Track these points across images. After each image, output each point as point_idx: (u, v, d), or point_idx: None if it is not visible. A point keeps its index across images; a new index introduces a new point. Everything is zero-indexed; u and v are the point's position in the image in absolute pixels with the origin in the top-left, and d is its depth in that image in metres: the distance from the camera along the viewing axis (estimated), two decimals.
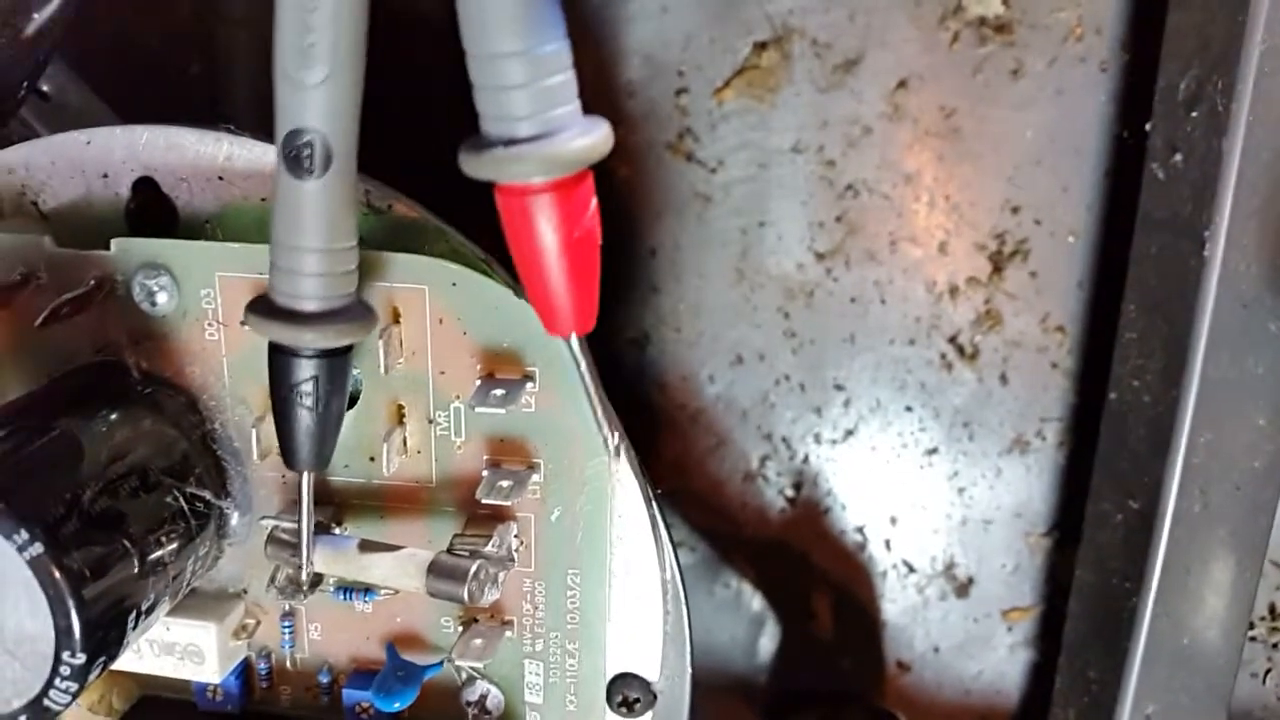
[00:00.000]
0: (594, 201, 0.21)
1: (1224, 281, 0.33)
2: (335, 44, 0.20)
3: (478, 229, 0.27)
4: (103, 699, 0.29)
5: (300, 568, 0.25)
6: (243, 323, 0.25)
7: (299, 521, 0.24)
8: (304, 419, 0.23)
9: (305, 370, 0.23)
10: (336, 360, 0.23)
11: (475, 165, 0.21)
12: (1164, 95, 0.35)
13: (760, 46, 0.39)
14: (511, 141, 0.20)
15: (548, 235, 0.21)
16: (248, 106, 0.39)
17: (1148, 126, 0.35)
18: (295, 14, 0.20)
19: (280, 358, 0.23)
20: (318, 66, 0.21)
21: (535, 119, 0.20)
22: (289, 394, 0.23)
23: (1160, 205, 0.35)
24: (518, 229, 0.21)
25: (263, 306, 0.23)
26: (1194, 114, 0.33)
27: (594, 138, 0.21)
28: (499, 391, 0.24)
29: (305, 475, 0.24)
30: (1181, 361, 0.34)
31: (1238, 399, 0.34)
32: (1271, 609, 0.42)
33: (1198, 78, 0.33)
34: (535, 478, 0.26)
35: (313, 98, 0.21)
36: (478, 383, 0.25)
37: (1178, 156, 0.34)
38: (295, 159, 0.21)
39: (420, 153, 0.28)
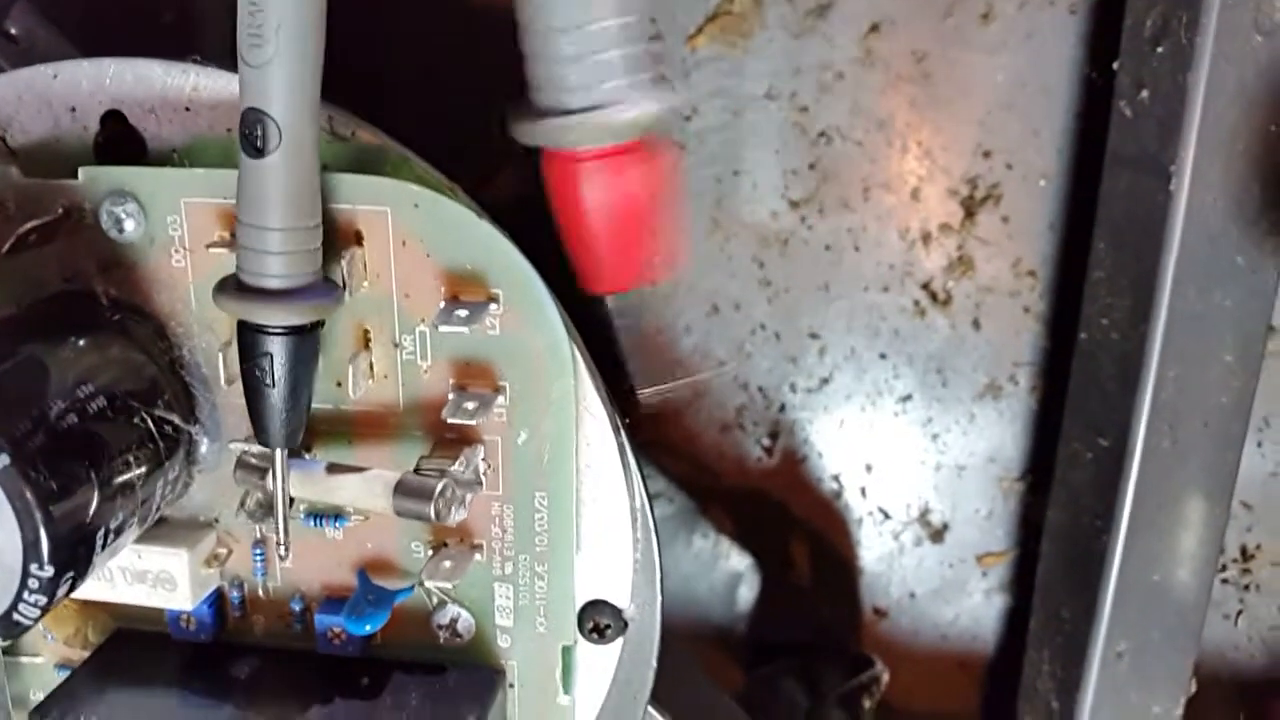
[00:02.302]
0: (653, 168, 0.22)
1: (1190, 216, 0.33)
2: (280, 24, 0.21)
3: (443, 159, 0.28)
4: (78, 632, 0.29)
5: (270, 494, 0.25)
6: (208, 246, 0.25)
7: (275, 499, 0.25)
8: (266, 395, 0.24)
9: (263, 346, 0.23)
10: (298, 338, 0.23)
11: (529, 133, 0.22)
12: (1130, 32, 0.35)
13: None
14: (563, 112, 0.21)
15: (593, 198, 0.22)
16: (221, 58, 0.39)
17: (1115, 65, 0.36)
18: None
19: (245, 334, 0.24)
20: (264, 46, 0.21)
21: (586, 91, 0.21)
22: (251, 369, 0.24)
23: (1128, 143, 0.35)
24: (567, 192, 0.22)
25: (230, 283, 0.24)
26: (1159, 50, 0.34)
27: (640, 110, 0.21)
28: (463, 312, 0.24)
29: (278, 452, 0.24)
30: (1149, 298, 0.34)
31: (1205, 334, 0.35)
32: (1243, 550, 0.42)
33: (1163, 13, 0.34)
34: (501, 400, 0.26)
35: (260, 77, 0.21)
36: (441, 304, 0.25)
37: (1144, 93, 0.34)
38: (248, 138, 0.22)
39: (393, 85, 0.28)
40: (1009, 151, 0.39)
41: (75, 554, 0.22)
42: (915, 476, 0.43)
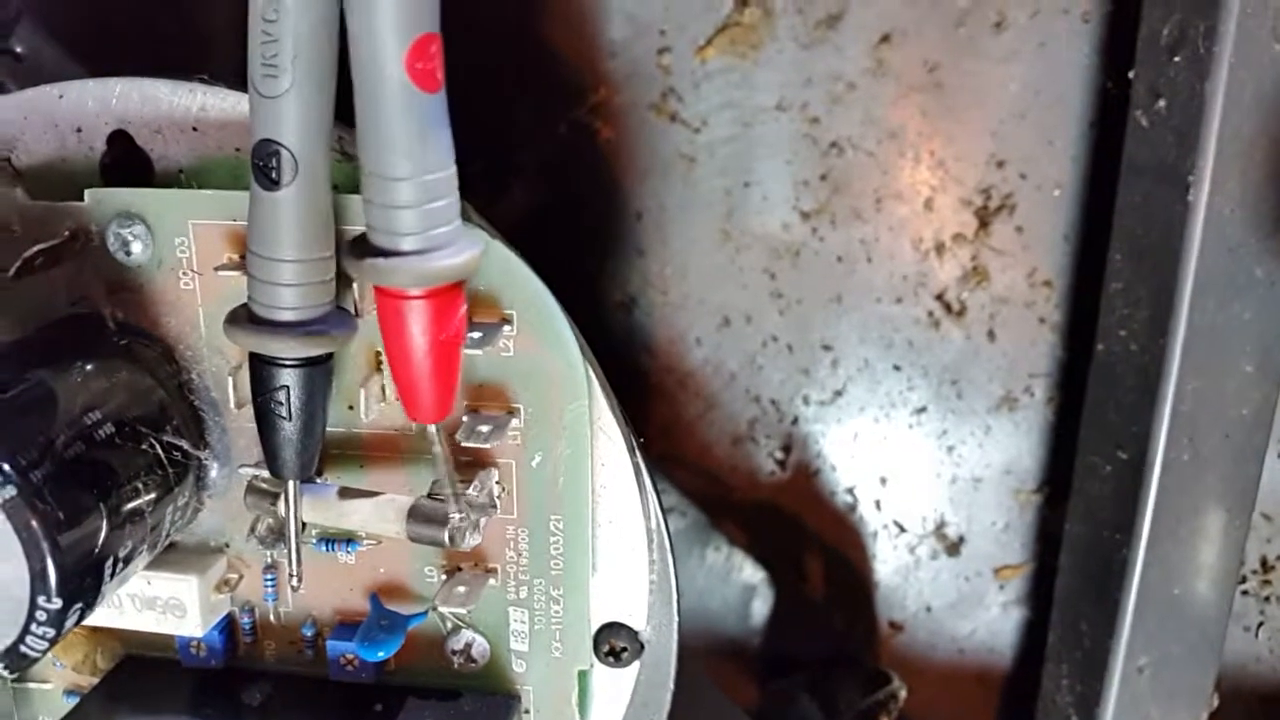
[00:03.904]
0: (463, 309, 0.23)
1: (1209, 226, 0.33)
2: (297, 55, 0.21)
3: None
4: (87, 658, 0.29)
5: (281, 519, 0.25)
6: (217, 269, 0.25)
7: (287, 530, 0.24)
8: (280, 427, 0.23)
9: (277, 379, 0.23)
10: (312, 370, 0.23)
11: (356, 269, 0.22)
12: (1147, 41, 0.35)
13: (742, 3, 0.39)
14: (395, 253, 0.22)
15: (417, 337, 0.22)
16: (229, 77, 0.39)
17: (1131, 74, 0.35)
18: (258, 23, 0.21)
19: (258, 366, 0.23)
20: (280, 78, 0.21)
21: (418, 236, 0.22)
22: (265, 401, 0.23)
23: (1144, 152, 0.35)
24: (391, 327, 0.22)
25: (241, 315, 0.23)
26: (1176, 59, 0.33)
27: (465, 258, 0.22)
28: (476, 334, 0.24)
29: (291, 484, 0.24)
30: (1168, 309, 0.34)
31: (1225, 345, 0.34)
32: (1263, 562, 0.42)
33: (1180, 22, 0.33)
34: (515, 423, 0.25)
35: (276, 109, 0.21)
36: None
37: (1161, 102, 0.34)
38: (263, 169, 0.21)
39: None
40: (1023, 161, 0.39)
41: (83, 584, 0.22)
42: (930, 489, 0.43)
